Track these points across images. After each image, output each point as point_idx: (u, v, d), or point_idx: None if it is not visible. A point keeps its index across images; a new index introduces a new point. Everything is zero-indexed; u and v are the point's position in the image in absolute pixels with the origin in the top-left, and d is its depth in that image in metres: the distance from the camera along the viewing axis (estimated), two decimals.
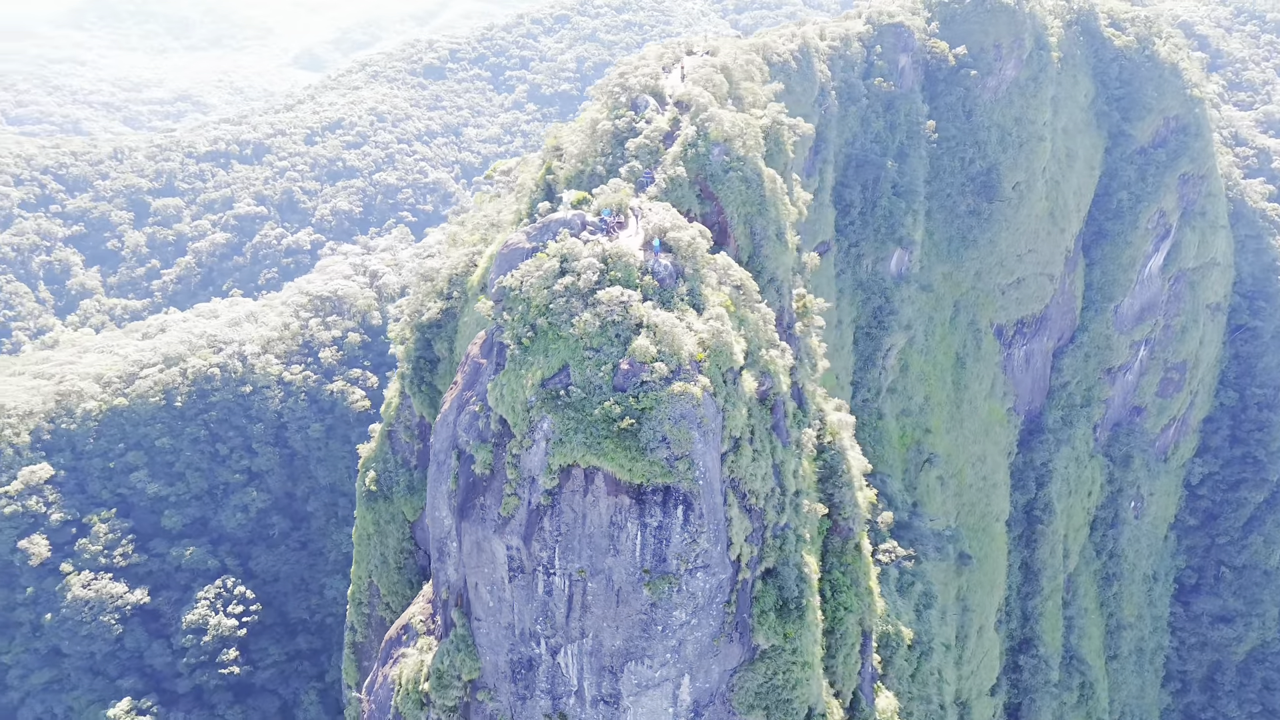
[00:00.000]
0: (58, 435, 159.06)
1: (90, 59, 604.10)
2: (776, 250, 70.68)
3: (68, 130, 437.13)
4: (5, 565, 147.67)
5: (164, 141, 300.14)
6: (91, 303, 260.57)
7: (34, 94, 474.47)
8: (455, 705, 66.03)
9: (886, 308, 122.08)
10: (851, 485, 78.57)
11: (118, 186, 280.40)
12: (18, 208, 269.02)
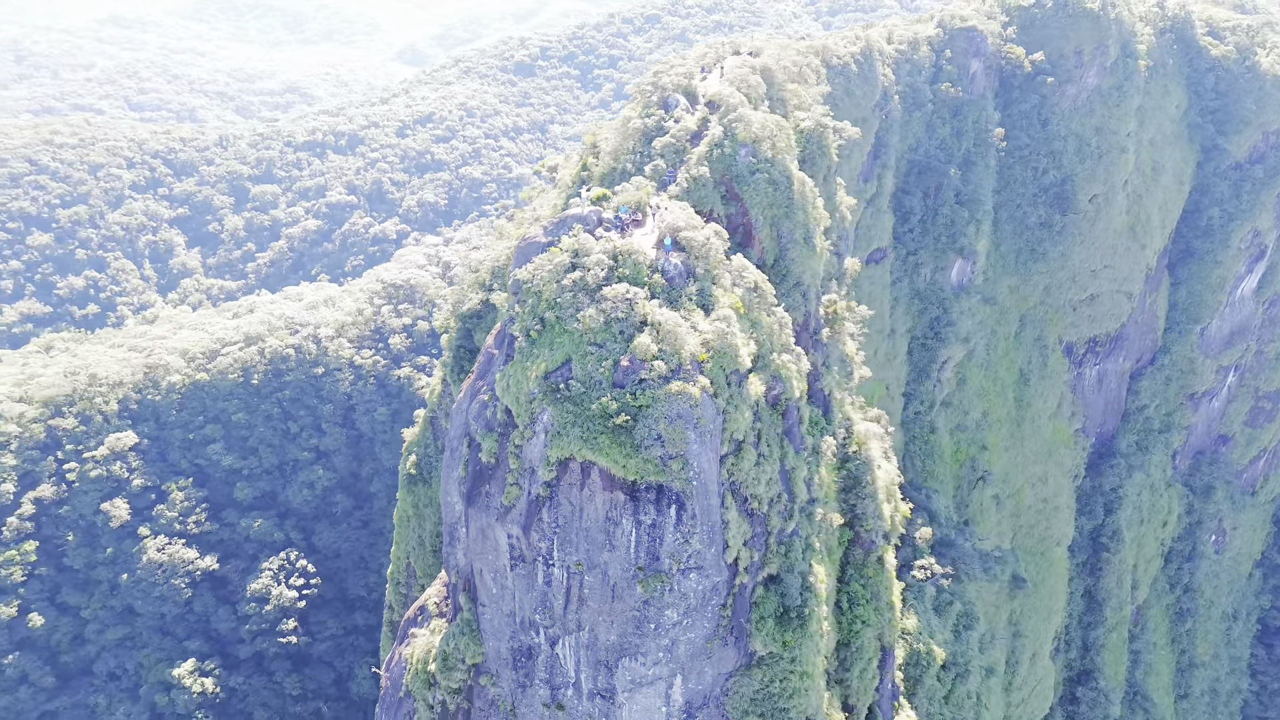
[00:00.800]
0: (144, 406, 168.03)
1: (209, 50, 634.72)
2: (804, 254, 69.83)
3: (184, 118, 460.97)
4: (89, 526, 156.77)
5: (266, 130, 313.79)
6: (191, 282, 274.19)
7: (155, 82, 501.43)
8: (460, 688, 67.51)
9: (944, 319, 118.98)
10: (875, 497, 77.07)
11: (221, 172, 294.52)
12: (129, 189, 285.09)
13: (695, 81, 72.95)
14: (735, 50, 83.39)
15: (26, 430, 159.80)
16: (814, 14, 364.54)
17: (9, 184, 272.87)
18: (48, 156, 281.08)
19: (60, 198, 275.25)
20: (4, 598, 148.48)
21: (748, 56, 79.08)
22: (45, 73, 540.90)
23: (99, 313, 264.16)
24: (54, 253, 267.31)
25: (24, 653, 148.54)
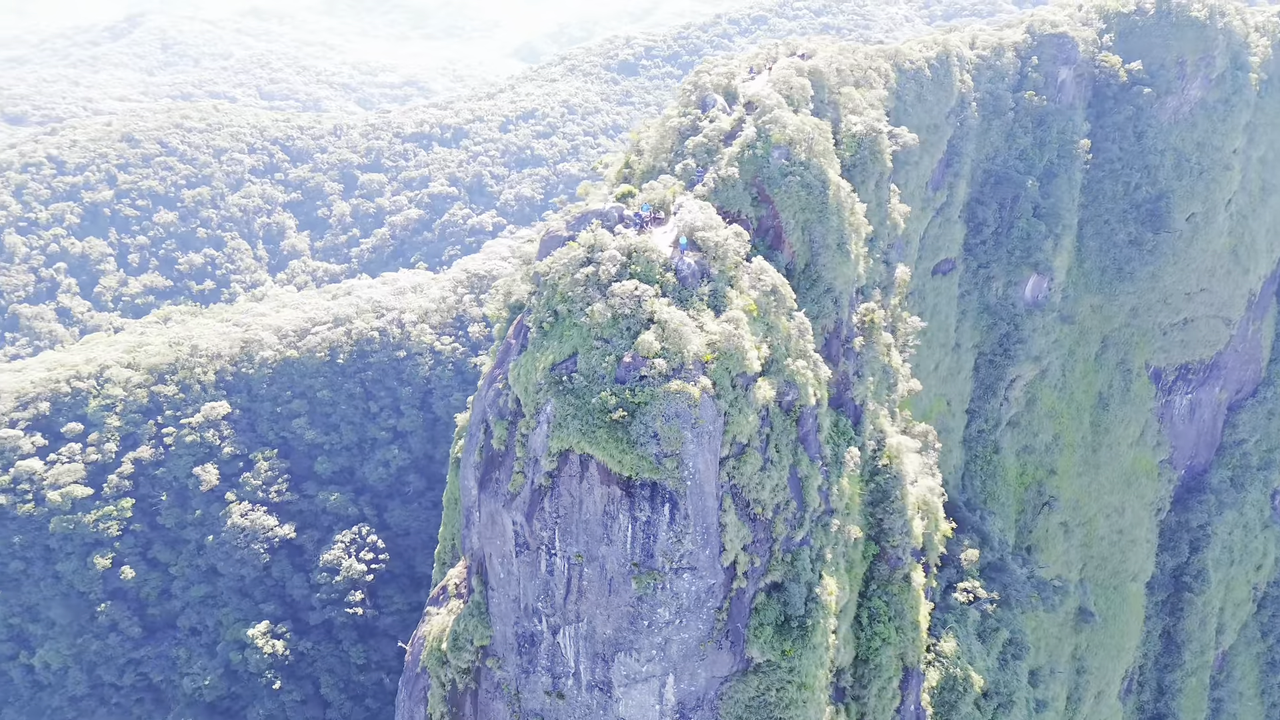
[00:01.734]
0: (238, 378, 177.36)
1: (338, 44, 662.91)
2: (836, 260, 68.71)
3: (309, 107, 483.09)
4: (181, 488, 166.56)
5: (377, 121, 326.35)
6: (299, 263, 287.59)
7: (285, 73, 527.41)
8: (468, 668, 69.23)
9: (1014, 335, 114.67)
10: (904, 513, 75.19)
11: (333, 160, 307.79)
12: (248, 173, 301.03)
13: (736, 82, 72.68)
14: (792, 52, 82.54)
15: (131, 395, 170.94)
16: (927, 18, 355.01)
17: (141, 164, 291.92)
18: (177, 139, 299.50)
19: (186, 179, 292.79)
20: (100, 550, 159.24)
21: (798, 58, 78.19)
22: (188, 61, 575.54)
23: (214, 288, 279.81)
24: (177, 230, 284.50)
25: (115, 602, 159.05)
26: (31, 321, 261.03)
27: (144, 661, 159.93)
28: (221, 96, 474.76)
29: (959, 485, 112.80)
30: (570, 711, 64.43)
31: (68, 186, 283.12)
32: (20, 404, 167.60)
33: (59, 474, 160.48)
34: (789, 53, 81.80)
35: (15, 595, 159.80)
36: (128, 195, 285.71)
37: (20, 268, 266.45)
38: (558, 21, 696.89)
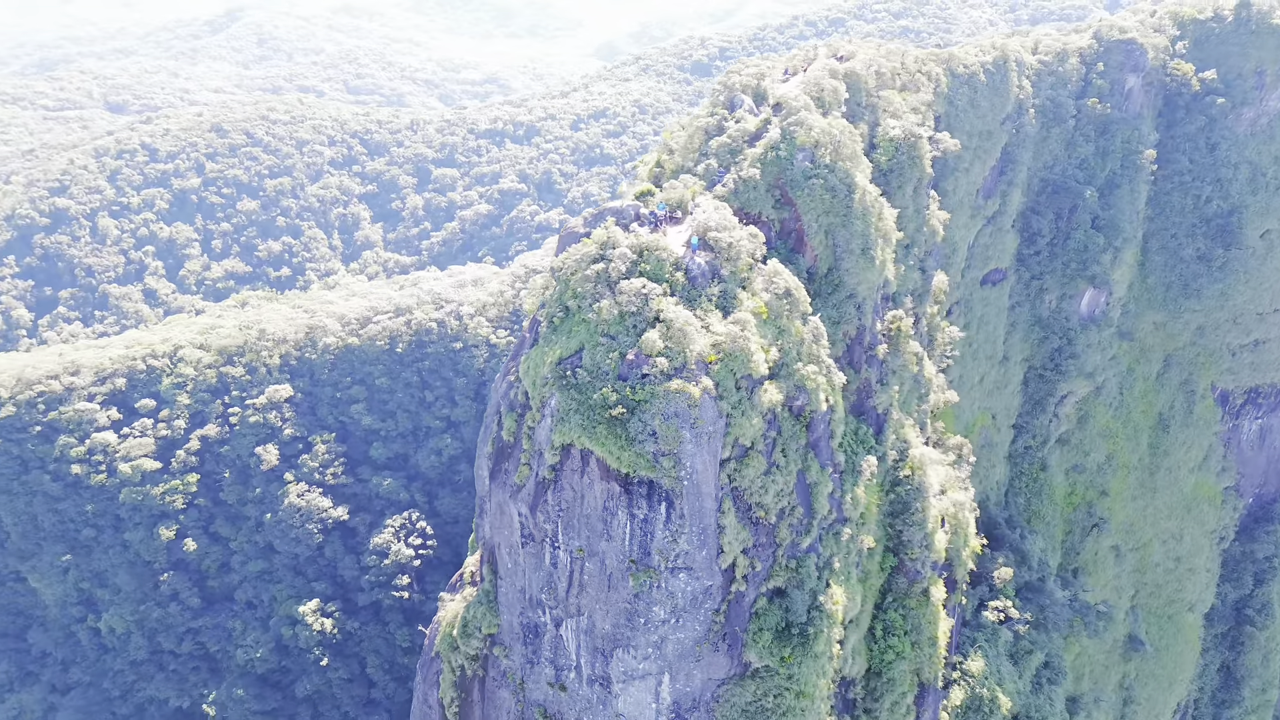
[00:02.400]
0: (302, 363, 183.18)
1: (424, 40, 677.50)
2: (860, 265, 67.72)
3: (392, 102, 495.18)
4: (243, 466, 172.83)
5: (453, 117, 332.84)
6: (371, 254, 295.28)
7: (371, 69, 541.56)
8: (477, 655, 70.43)
9: (1067, 350, 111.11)
10: (924, 526, 73.66)
11: (408, 154, 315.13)
12: (328, 165, 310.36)
13: (767, 83, 72.18)
14: (834, 54, 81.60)
15: (201, 374, 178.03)
16: (1012, 22, 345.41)
17: (228, 153, 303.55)
18: (262, 131, 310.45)
19: (269, 169, 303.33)
20: (166, 522, 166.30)
21: (834, 60, 77.22)
22: (281, 56, 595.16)
23: (290, 276, 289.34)
24: (258, 218, 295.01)
25: (177, 573, 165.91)
26: (120, 301, 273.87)
27: (201, 631, 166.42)
28: (310, 90, 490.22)
29: (1001, 502, 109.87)
30: (572, 704, 65.01)
31: (159, 173, 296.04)
32: (99, 379, 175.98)
33: (131, 447, 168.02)
34: (830, 54, 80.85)
35: (86, 561, 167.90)
36: (214, 183, 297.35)
37: (111, 250, 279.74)
38: (640, 21, 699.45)
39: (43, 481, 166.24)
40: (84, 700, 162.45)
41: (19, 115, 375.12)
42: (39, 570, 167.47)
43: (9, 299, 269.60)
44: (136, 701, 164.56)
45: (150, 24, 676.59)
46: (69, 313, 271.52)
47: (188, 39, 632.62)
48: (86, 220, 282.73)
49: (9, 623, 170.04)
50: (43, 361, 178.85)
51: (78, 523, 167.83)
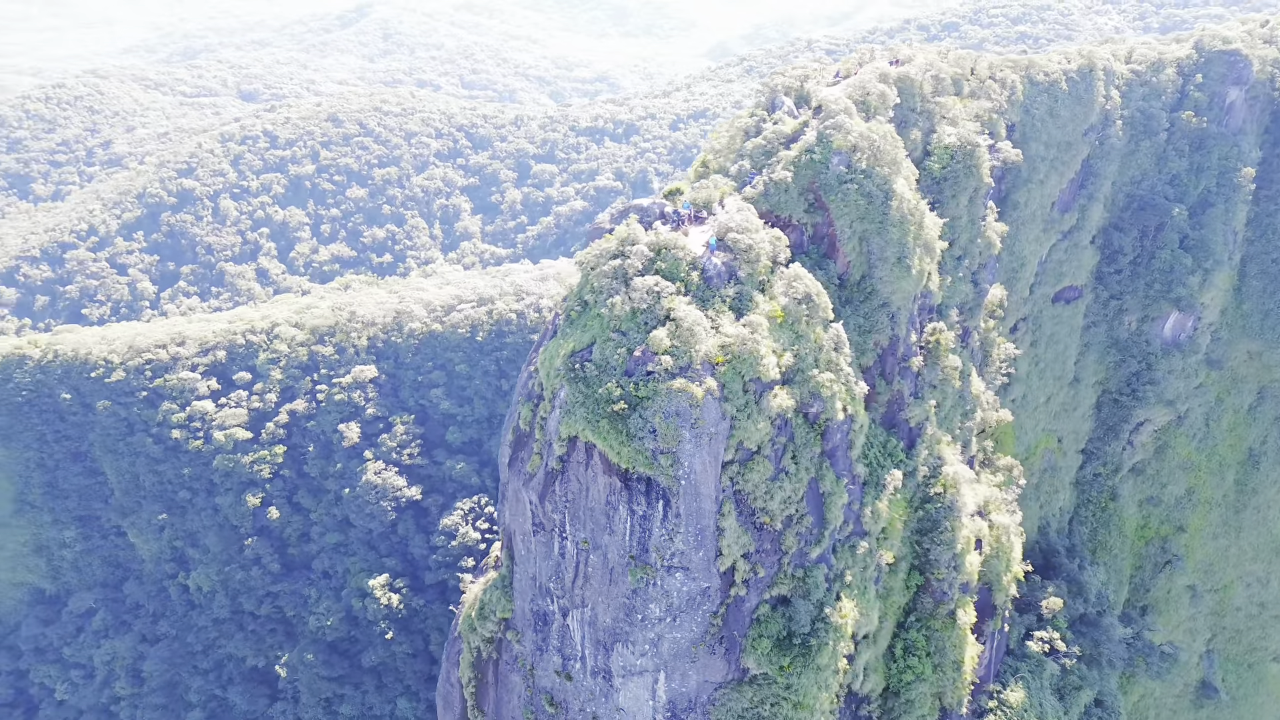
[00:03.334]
0: (388, 345, 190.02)
1: (541, 38, 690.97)
2: (894, 274, 66.08)
3: (504, 98, 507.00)
4: (326, 441, 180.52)
5: (556, 114, 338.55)
6: (469, 245, 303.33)
7: (487, 65, 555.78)
8: (491, 638, 71.95)
9: (1146, 375, 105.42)
10: (952, 546, 71.32)
11: (510, 149, 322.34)
12: (434, 156, 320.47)
13: (810, 85, 71.11)
14: (892, 58, 79.79)
15: (294, 352, 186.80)
16: (1141, 29, 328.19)
17: (341, 142, 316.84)
18: (375, 122, 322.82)
19: (378, 158, 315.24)
20: (253, 489, 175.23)
21: (889, 64, 75.43)
22: (404, 50, 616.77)
23: (391, 262, 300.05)
24: (365, 205, 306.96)
25: (261, 539, 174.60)
26: (234, 279, 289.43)
27: (279, 596, 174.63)
28: (427, 84, 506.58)
29: (1063, 530, 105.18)
30: (576, 694, 65.75)
31: (277, 159, 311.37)
32: (202, 350, 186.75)
33: (226, 416, 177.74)
34: (888, 58, 79.01)
35: (180, 521, 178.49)
36: (327, 170, 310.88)
37: (230, 230, 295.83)
38: (753, 23, 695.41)
39: (145, 444, 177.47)
40: (169, 652, 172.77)
41: (159, 100, 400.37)
42: (137, 526, 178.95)
43: (136, 272, 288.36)
44: (216, 657, 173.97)
45: (287, 17, 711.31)
46: (188, 287, 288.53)
47: (319, 32, 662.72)
48: (209, 201, 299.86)
49: (109, 573, 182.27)
50: (152, 331, 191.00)
51: (174, 484, 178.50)
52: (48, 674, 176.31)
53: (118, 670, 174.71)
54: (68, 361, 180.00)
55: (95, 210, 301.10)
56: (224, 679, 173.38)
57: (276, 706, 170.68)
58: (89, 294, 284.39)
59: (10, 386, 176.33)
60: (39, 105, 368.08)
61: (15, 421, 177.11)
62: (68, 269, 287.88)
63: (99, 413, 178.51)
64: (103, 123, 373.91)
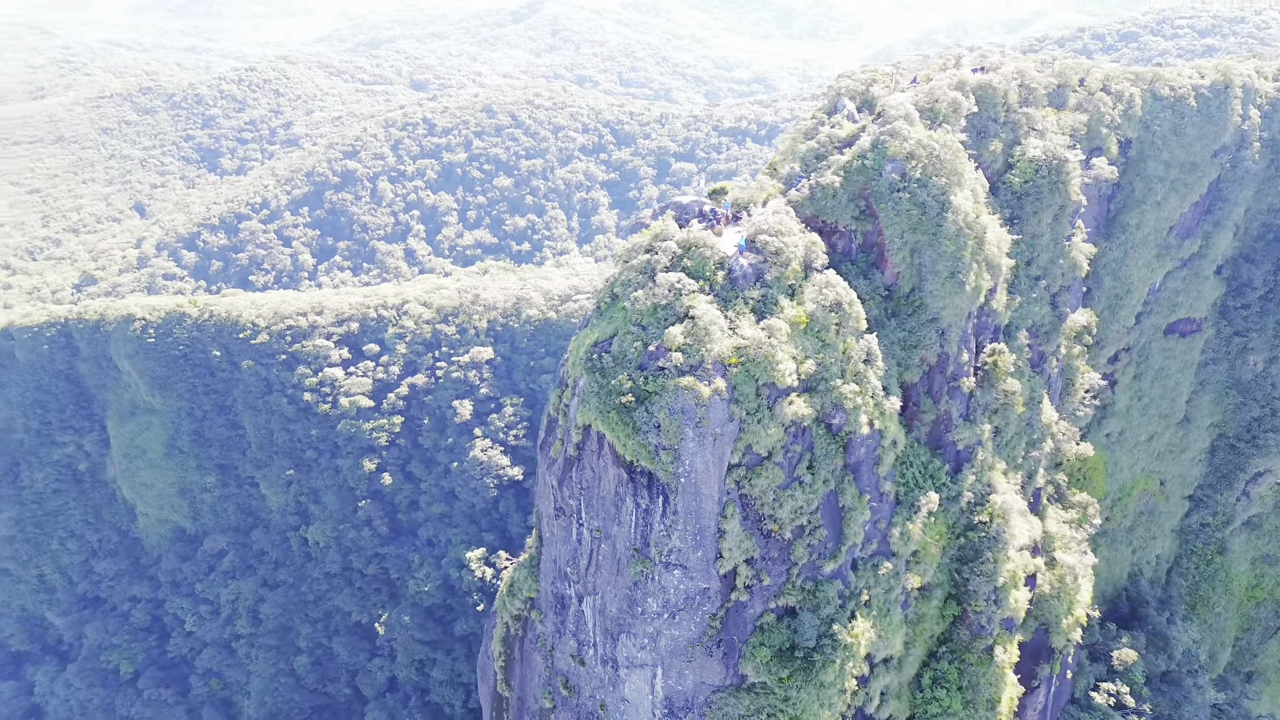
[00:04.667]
0: (506, 330, 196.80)
1: (705, 38, 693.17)
2: (946, 289, 63.35)
3: (659, 96, 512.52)
4: (441, 415, 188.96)
5: (700, 113, 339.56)
6: (603, 239, 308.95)
7: (645, 62, 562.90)
8: (519, 615, 74.05)
9: (1269, 422, 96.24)
10: (993, 578, 67.81)
11: (652, 146, 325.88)
12: (578, 150, 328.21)
13: (876, 89, 68.97)
14: (979, 66, 76.39)
15: (420, 329, 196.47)
16: None
17: (493, 133, 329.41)
18: (526, 114, 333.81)
19: (526, 150, 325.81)
20: (370, 455, 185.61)
21: (971, 72, 72.16)
22: (570, 46, 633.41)
23: (529, 250, 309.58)
24: (510, 195, 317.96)
25: (373, 502, 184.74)
26: (384, 257, 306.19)
27: (386, 558, 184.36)
28: (586, 80, 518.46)
29: (1159, 580, 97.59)
30: (588, 680, 66.89)
31: (433, 146, 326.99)
32: (337, 321, 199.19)
33: (352, 384, 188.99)
34: (979, 67, 75.59)
35: (305, 478, 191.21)
36: (477, 159, 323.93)
37: (384, 210, 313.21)
38: (924, 28, 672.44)
39: (280, 403, 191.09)
40: (285, 599, 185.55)
41: (337, 86, 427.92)
42: (268, 479, 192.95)
43: (299, 244, 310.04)
44: (325, 608, 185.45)
45: (465, 11, 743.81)
46: (343, 262, 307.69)
47: (493, 26, 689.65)
48: (369, 182, 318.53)
49: (241, 519, 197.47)
50: (296, 299, 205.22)
51: (303, 443, 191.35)
52: (180, 606, 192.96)
53: (240, 610, 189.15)
54: (220, 322, 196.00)
55: (269, 185, 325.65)
56: (330, 629, 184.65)
57: (375, 662, 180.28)
58: (257, 262, 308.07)
59: (170, 341, 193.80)
60: (232, 87, 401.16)
61: (172, 373, 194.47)
62: (241, 238, 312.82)
63: (243, 371, 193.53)
64: (286, 105, 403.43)
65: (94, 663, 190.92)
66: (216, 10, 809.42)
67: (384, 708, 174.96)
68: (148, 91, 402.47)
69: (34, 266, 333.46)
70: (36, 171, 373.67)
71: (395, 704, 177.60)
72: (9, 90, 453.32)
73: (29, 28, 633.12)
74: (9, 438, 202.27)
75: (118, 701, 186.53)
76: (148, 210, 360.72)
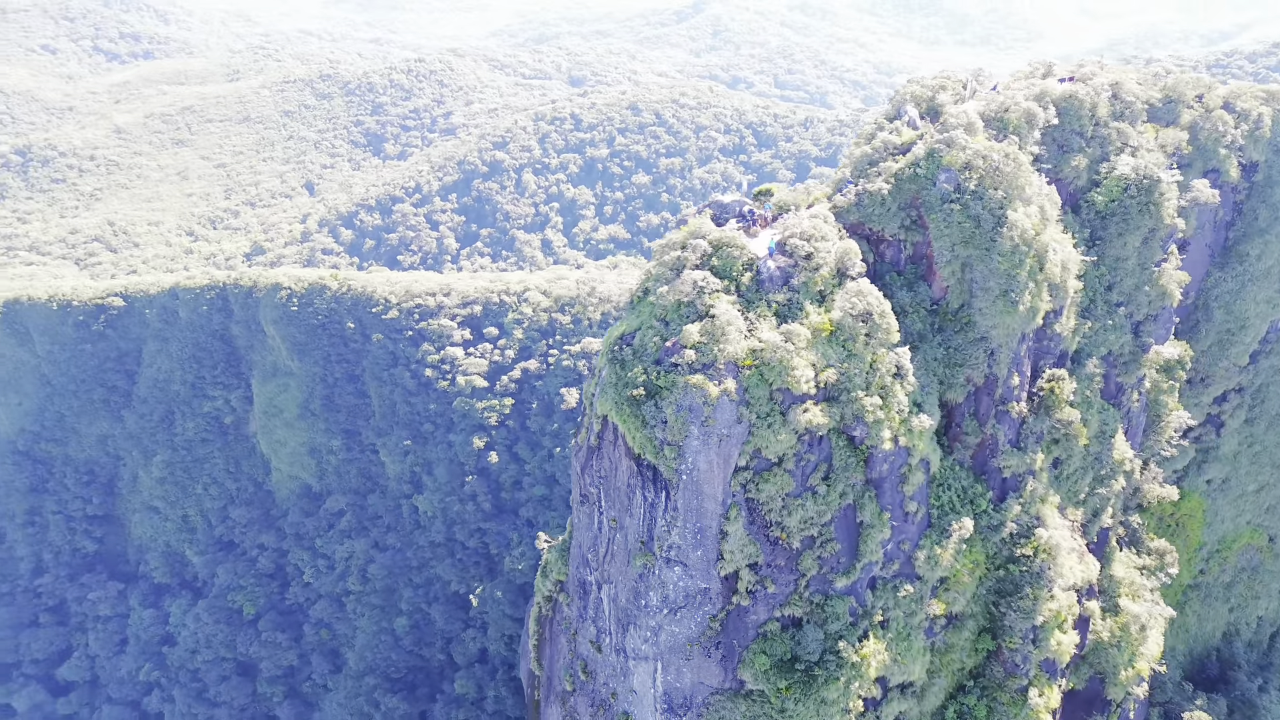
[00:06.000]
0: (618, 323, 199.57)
1: (870, 43, 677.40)
2: (997, 308, 60.29)
3: (815, 100, 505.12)
4: (549, 401, 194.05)
5: (846, 118, 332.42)
6: None
7: (803, 65, 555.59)
8: (550, 596, 75.88)
9: None
10: (1031, 615, 64.11)
11: (793, 149, 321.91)
12: (718, 151, 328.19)
13: (943, 96, 66.12)
14: (1069, 75, 72.12)
15: (537, 316, 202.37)
16: None
17: (636, 130, 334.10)
18: (669, 113, 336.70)
19: (666, 148, 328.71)
20: (480, 433, 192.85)
21: (1057, 81, 68.11)
22: (730, 47, 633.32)
23: None
24: (646, 192, 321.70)
25: (479, 478, 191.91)
26: (522, 246, 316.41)
27: (486, 533, 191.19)
28: (740, 81, 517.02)
29: (1258, 641, 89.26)
30: (603, 667, 67.96)
31: (577, 141, 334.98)
32: (462, 303, 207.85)
33: (470, 364, 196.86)
34: (1068, 76, 71.26)
35: (421, 449, 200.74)
36: (619, 155, 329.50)
37: (526, 201, 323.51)
38: (1110, 38, 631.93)
39: (404, 377, 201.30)
40: (391, 562, 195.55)
41: (497, 80, 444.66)
42: (387, 448, 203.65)
43: (445, 229, 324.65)
44: (427, 575, 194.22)
45: (630, 10, 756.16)
46: (484, 248, 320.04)
47: (656, 25, 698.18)
48: (514, 173, 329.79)
49: (360, 483, 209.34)
50: (427, 280, 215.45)
51: (421, 417, 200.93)
52: (300, 558, 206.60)
53: (352, 568, 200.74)
54: (357, 296, 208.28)
55: (424, 171, 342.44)
56: (430, 596, 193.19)
57: (468, 632, 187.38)
58: (405, 243, 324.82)
59: (311, 310, 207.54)
60: (401, 77, 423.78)
61: (310, 340, 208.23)
62: (393, 219, 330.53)
63: (373, 343, 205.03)
64: (448, 96, 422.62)
65: (222, 601, 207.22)
66: (401, 4, 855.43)
67: (472, 677, 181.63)
68: (327, 78, 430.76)
69: (213, 235, 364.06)
70: (224, 148, 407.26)
71: (484, 675, 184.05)
72: (210, 72, 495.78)
73: (235, 15, 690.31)
74: (168, 389, 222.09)
75: (239, 639, 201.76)
76: (316, 189, 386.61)
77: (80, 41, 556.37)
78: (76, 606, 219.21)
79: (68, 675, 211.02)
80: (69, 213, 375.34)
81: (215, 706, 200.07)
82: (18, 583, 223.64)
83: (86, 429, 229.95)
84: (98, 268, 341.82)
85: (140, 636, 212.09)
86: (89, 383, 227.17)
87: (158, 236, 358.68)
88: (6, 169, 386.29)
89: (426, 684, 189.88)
